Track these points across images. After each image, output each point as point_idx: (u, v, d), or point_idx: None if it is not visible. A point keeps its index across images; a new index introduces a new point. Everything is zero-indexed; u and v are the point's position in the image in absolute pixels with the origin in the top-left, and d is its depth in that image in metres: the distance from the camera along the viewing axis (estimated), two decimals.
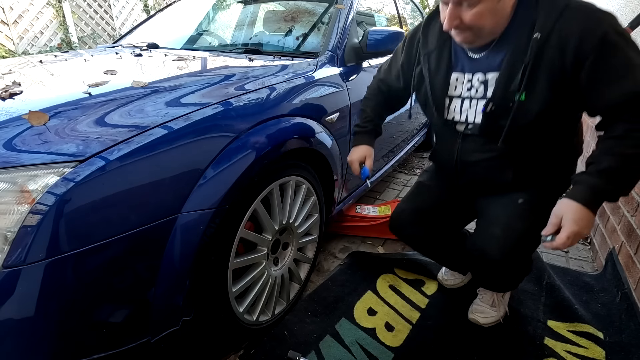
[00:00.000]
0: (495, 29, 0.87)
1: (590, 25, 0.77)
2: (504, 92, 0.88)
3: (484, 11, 0.82)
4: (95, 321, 0.75)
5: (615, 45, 0.77)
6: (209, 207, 0.87)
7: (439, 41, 1.01)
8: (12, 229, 0.66)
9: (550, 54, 0.81)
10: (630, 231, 1.42)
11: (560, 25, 0.79)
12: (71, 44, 5.18)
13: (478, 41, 0.90)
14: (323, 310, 1.31)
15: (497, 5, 0.82)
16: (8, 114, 0.83)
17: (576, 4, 0.81)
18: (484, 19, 0.83)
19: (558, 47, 0.80)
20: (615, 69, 0.78)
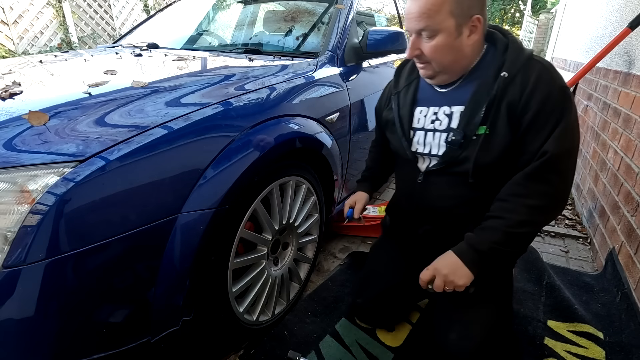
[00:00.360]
0: (455, 67, 0.91)
1: (545, 79, 0.84)
2: (467, 124, 0.90)
3: (441, 45, 0.85)
4: (95, 321, 0.75)
5: (557, 102, 0.83)
6: (209, 207, 0.87)
7: (407, 79, 1.06)
8: (12, 229, 0.66)
9: (512, 92, 0.85)
10: (630, 231, 1.42)
11: (525, 71, 0.85)
12: (71, 44, 5.18)
13: (440, 77, 0.93)
14: (323, 310, 1.31)
15: (454, 42, 0.86)
16: (8, 114, 0.83)
17: (539, 58, 0.88)
18: (441, 53, 0.86)
19: (520, 87, 0.84)
20: (548, 124, 0.83)
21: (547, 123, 0.83)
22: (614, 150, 1.77)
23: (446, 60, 0.88)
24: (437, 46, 0.86)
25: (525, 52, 0.88)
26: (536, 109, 0.82)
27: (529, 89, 0.83)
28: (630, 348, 1.17)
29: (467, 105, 0.91)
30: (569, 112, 0.83)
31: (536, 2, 15.05)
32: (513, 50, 0.88)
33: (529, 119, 0.84)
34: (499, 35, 0.93)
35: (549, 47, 5.51)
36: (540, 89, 0.83)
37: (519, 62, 0.86)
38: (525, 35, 9.96)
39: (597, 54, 1.99)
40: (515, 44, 0.89)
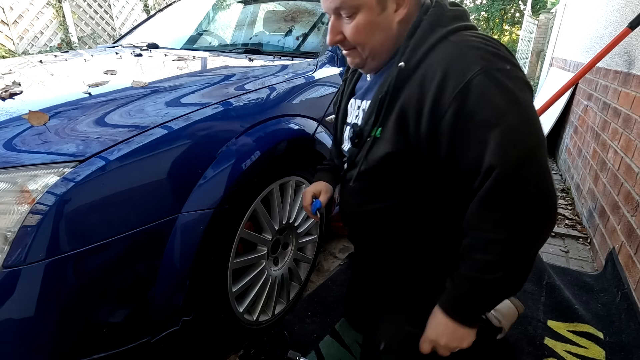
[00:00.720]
0: (383, 50, 0.74)
1: (458, 67, 0.61)
2: (365, 123, 0.76)
3: (363, 24, 0.69)
4: (95, 321, 0.75)
5: (483, 94, 0.59)
6: (209, 207, 0.87)
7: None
8: (12, 229, 0.66)
9: (409, 89, 0.67)
10: (630, 231, 1.42)
11: (430, 58, 0.66)
12: (71, 44, 5.18)
13: (370, 64, 0.77)
14: (323, 310, 1.31)
15: (378, 19, 0.70)
16: (8, 114, 0.83)
17: (456, 38, 0.65)
18: (365, 34, 0.71)
19: (419, 83, 0.65)
20: (477, 130, 0.60)
21: (475, 128, 0.60)
22: (614, 150, 1.77)
23: (372, 42, 0.72)
24: (359, 26, 0.70)
25: (437, 31, 0.67)
26: (453, 112, 0.61)
27: (435, 84, 0.62)
28: (630, 348, 1.17)
29: (371, 100, 0.77)
30: (509, 104, 0.59)
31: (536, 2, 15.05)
32: (422, 29, 0.68)
33: (447, 125, 0.62)
34: (429, 4, 0.73)
35: (549, 47, 5.51)
36: (451, 83, 0.61)
37: (423, 46, 0.67)
38: (525, 35, 9.95)
39: (597, 54, 1.99)
40: (432, 17, 0.69)
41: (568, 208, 2.28)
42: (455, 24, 0.68)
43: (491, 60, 0.61)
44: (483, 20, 18.84)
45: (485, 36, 0.67)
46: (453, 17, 0.70)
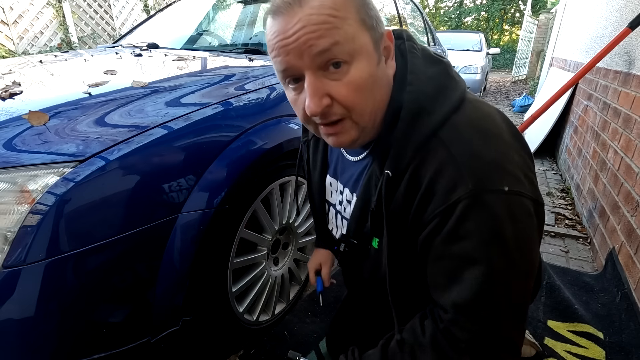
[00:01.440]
0: (380, 114, 0.55)
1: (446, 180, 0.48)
2: (357, 231, 0.63)
3: (361, 78, 0.49)
4: (95, 321, 0.75)
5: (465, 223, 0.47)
6: (209, 207, 0.87)
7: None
8: (12, 229, 0.66)
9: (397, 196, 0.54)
10: (630, 231, 1.42)
11: (417, 162, 0.51)
12: (71, 44, 5.18)
13: (363, 139, 0.56)
14: (323, 310, 1.31)
15: (376, 71, 0.51)
16: (8, 114, 0.83)
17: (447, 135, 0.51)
18: (367, 91, 0.51)
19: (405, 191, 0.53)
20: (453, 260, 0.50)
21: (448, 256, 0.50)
22: (614, 150, 1.77)
23: (373, 103, 0.52)
24: (358, 80, 0.49)
25: (423, 124, 0.51)
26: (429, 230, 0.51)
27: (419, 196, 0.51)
28: (630, 348, 1.17)
29: (356, 201, 0.63)
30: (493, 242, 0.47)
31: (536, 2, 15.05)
32: (404, 121, 0.52)
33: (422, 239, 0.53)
34: (397, 54, 0.58)
35: (549, 47, 5.51)
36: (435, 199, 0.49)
37: (408, 146, 0.51)
38: (525, 35, 9.96)
39: (597, 54, 1.99)
40: (413, 101, 0.52)
41: (568, 208, 2.28)
42: (443, 107, 0.52)
43: (486, 178, 0.47)
44: (483, 20, 18.84)
45: (482, 118, 0.53)
46: (437, 92, 0.53)
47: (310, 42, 0.47)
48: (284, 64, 0.50)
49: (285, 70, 0.51)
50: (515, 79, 9.99)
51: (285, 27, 0.48)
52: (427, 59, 0.57)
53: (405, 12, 2.62)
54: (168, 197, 0.82)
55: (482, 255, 0.47)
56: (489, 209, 0.46)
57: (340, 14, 0.47)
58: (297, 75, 0.51)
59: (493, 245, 0.47)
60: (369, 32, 0.50)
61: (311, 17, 0.46)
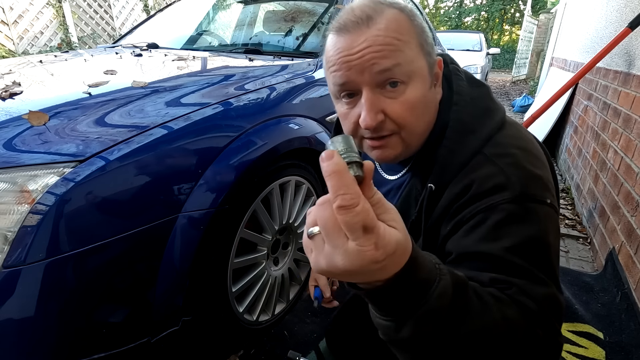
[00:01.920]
0: (424, 135, 0.58)
1: (491, 184, 0.50)
2: None
3: (418, 97, 0.53)
4: (95, 321, 0.75)
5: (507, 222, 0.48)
6: (209, 207, 0.87)
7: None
8: (12, 229, 0.66)
9: (439, 205, 0.56)
10: (630, 231, 1.42)
11: (462, 175, 0.53)
12: (71, 44, 5.18)
13: (404, 155, 0.58)
14: (323, 310, 1.31)
15: (428, 94, 0.55)
16: (8, 114, 0.83)
17: (492, 151, 0.53)
18: (418, 111, 0.54)
19: (448, 197, 0.54)
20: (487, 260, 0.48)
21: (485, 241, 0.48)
22: (614, 150, 1.77)
23: (421, 124, 0.56)
24: (412, 99, 0.52)
25: (469, 142, 0.54)
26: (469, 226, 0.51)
27: (462, 202, 0.52)
28: (630, 348, 1.17)
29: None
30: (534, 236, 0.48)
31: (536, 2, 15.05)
32: (450, 139, 0.55)
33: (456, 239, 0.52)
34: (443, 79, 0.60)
35: (549, 47, 5.51)
36: (477, 198, 0.51)
37: (454, 162, 0.54)
38: (525, 35, 9.96)
39: (597, 54, 2.00)
40: (459, 120, 0.55)
41: (568, 208, 2.28)
42: (487, 126, 0.55)
43: (532, 187, 0.49)
44: (483, 20, 18.84)
45: (523, 138, 0.56)
46: (481, 112, 0.56)
47: (374, 60, 0.50)
48: (344, 78, 0.52)
49: (344, 85, 0.53)
50: (515, 79, 10.00)
51: (351, 44, 0.51)
52: (470, 81, 0.60)
53: None
54: (168, 197, 0.82)
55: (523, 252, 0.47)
56: (534, 215, 0.48)
57: (403, 38, 0.51)
58: (354, 90, 0.54)
59: (533, 248, 0.47)
60: (426, 58, 0.54)
61: (377, 38, 0.50)
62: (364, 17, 0.51)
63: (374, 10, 0.51)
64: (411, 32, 0.52)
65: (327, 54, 0.55)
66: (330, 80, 0.56)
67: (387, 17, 0.51)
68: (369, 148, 0.58)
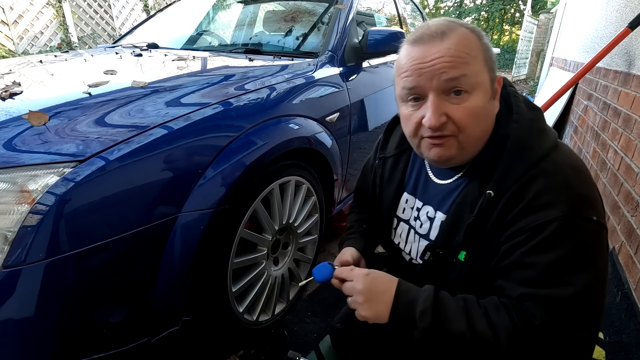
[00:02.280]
0: (479, 143, 0.64)
1: (543, 201, 0.56)
2: (445, 243, 0.67)
3: (477, 106, 0.59)
4: (95, 321, 0.75)
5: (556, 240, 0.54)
6: (209, 207, 0.87)
7: (399, 146, 0.81)
8: (12, 229, 0.66)
9: (498, 213, 0.60)
10: (630, 231, 1.42)
11: (518, 186, 0.58)
12: (71, 44, 5.18)
13: (458, 159, 0.64)
14: (323, 310, 1.31)
15: (487, 106, 0.61)
16: (8, 114, 0.83)
17: (547, 166, 0.58)
18: (477, 118, 0.60)
19: (503, 207, 0.60)
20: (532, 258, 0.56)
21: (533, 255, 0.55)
22: (614, 150, 1.77)
23: (478, 131, 0.61)
24: (474, 107, 0.59)
25: (526, 157, 0.59)
26: (516, 242, 0.57)
27: (517, 209, 0.57)
28: (630, 348, 1.17)
29: (447, 217, 0.67)
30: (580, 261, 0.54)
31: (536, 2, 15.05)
32: (510, 153, 0.60)
33: (504, 250, 0.59)
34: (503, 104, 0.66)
35: (549, 47, 5.51)
36: (530, 216, 0.56)
37: (512, 174, 0.59)
38: (525, 35, 9.96)
39: (597, 54, 2.00)
40: (518, 137, 0.61)
41: None
42: (543, 145, 0.60)
43: (580, 206, 0.55)
44: (483, 20, 18.84)
45: (574, 159, 0.61)
46: (538, 132, 0.62)
47: (444, 69, 0.57)
48: (414, 82, 0.60)
49: (413, 89, 0.61)
50: (515, 79, 10.00)
51: (424, 54, 0.59)
52: (527, 104, 0.66)
53: (405, 12, 2.62)
54: (168, 197, 0.82)
55: (570, 269, 0.54)
56: (579, 231, 0.54)
57: (472, 53, 0.59)
58: (421, 94, 0.61)
59: (580, 263, 0.54)
60: (489, 73, 0.61)
61: (449, 51, 0.57)
62: (439, 32, 0.59)
63: (448, 28, 0.59)
64: (478, 49, 0.59)
65: (400, 62, 0.63)
66: (400, 84, 0.63)
67: (458, 34, 0.58)
68: (428, 147, 0.64)
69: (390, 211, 0.82)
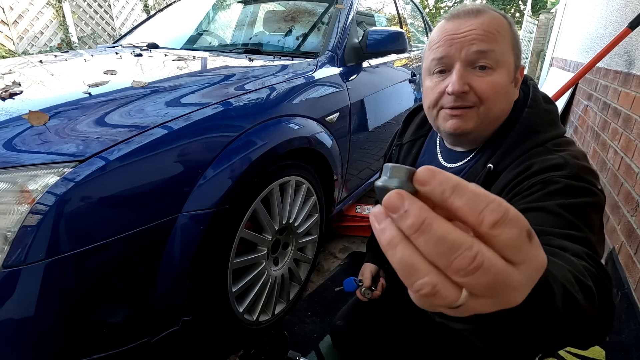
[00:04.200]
0: (497, 120, 0.67)
1: (550, 163, 0.57)
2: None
3: (500, 83, 0.62)
4: (95, 321, 0.75)
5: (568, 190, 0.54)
6: (209, 207, 0.87)
7: (415, 134, 0.87)
8: (12, 229, 0.66)
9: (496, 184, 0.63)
10: (630, 231, 1.42)
11: (523, 159, 0.61)
12: (71, 44, 5.18)
13: (473, 135, 0.67)
14: (323, 310, 1.31)
15: (509, 87, 0.65)
16: (8, 114, 0.83)
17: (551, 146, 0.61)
18: (498, 94, 0.63)
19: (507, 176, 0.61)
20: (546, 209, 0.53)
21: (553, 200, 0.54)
22: (614, 150, 1.77)
23: (498, 106, 0.64)
24: (495, 82, 0.62)
25: (532, 138, 0.62)
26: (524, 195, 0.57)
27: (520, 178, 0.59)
28: (630, 348, 1.17)
29: None
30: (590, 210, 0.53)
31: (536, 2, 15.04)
32: (517, 133, 0.64)
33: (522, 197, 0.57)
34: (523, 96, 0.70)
35: (549, 47, 5.51)
36: (539, 173, 0.57)
37: (515, 151, 0.62)
38: (525, 35, 9.95)
39: (597, 54, 1.99)
40: (528, 121, 0.64)
41: None
42: (551, 132, 0.63)
43: (586, 174, 0.56)
44: None
45: (581, 150, 0.62)
46: (549, 122, 0.65)
47: (474, 41, 0.61)
48: (444, 52, 0.63)
49: (442, 58, 0.64)
50: None
51: (458, 26, 0.63)
52: (545, 98, 0.70)
53: (405, 12, 2.62)
54: (168, 197, 0.82)
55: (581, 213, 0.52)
56: (586, 191, 0.54)
57: (501, 32, 0.62)
58: (448, 66, 0.64)
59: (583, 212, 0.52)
60: (514, 57, 0.64)
61: (482, 25, 0.61)
62: (475, 10, 0.63)
63: (483, 8, 0.64)
64: (508, 32, 0.63)
65: (433, 36, 0.67)
66: (430, 56, 0.66)
67: (492, 15, 0.62)
68: (446, 117, 0.66)
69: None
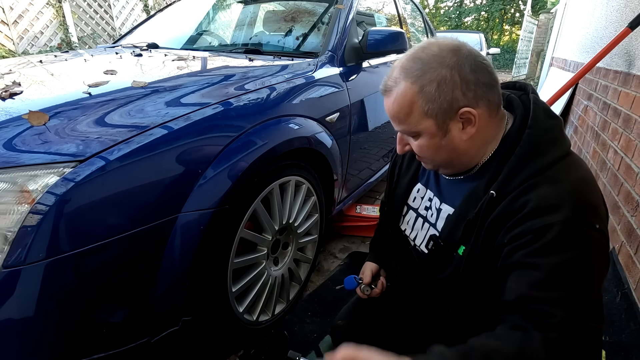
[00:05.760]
0: (455, 164, 0.71)
1: (547, 205, 0.57)
2: (448, 237, 0.73)
3: (426, 145, 0.68)
4: (95, 321, 0.75)
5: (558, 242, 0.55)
6: (209, 207, 0.87)
7: None
8: (12, 229, 0.66)
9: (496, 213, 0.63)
10: (630, 231, 1.42)
11: (522, 190, 0.61)
12: (71, 44, 5.18)
13: (443, 171, 0.75)
14: (323, 310, 1.31)
15: (441, 142, 0.67)
16: (8, 114, 0.83)
17: (552, 174, 0.61)
18: (430, 152, 0.69)
19: (506, 209, 0.62)
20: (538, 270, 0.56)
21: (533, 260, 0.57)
22: (614, 150, 1.77)
23: (440, 159, 0.70)
24: (422, 146, 0.69)
25: (534, 162, 0.62)
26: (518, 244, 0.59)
27: (521, 213, 0.59)
28: (630, 348, 1.17)
29: (454, 211, 0.73)
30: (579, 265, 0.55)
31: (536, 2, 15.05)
32: (518, 157, 0.63)
33: (507, 251, 0.61)
34: (518, 103, 0.70)
35: (549, 47, 5.51)
36: (534, 219, 0.58)
37: (517, 178, 0.62)
38: (525, 35, 9.96)
39: (597, 54, 1.99)
40: (529, 143, 0.63)
41: None
42: (553, 153, 0.63)
43: (584, 212, 0.57)
44: (483, 20, 18.84)
45: (582, 169, 0.63)
46: (551, 140, 0.64)
47: (393, 120, 0.70)
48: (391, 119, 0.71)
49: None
50: (515, 79, 10.00)
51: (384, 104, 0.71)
52: (546, 112, 0.69)
53: (405, 12, 2.62)
54: (168, 197, 0.82)
55: (570, 270, 0.55)
56: (581, 237, 0.56)
57: (405, 110, 0.66)
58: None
59: (580, 267, 0.55)
60: (432, 119, 0.66)
61: (392, 106, 0.67)
62: (387, 87, 0.68)
63: (394, 82, 0.66)
64: (416, 103, 0.64)
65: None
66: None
67: (396, 93, 0.66)
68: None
69: (403, 199, 0.88)
